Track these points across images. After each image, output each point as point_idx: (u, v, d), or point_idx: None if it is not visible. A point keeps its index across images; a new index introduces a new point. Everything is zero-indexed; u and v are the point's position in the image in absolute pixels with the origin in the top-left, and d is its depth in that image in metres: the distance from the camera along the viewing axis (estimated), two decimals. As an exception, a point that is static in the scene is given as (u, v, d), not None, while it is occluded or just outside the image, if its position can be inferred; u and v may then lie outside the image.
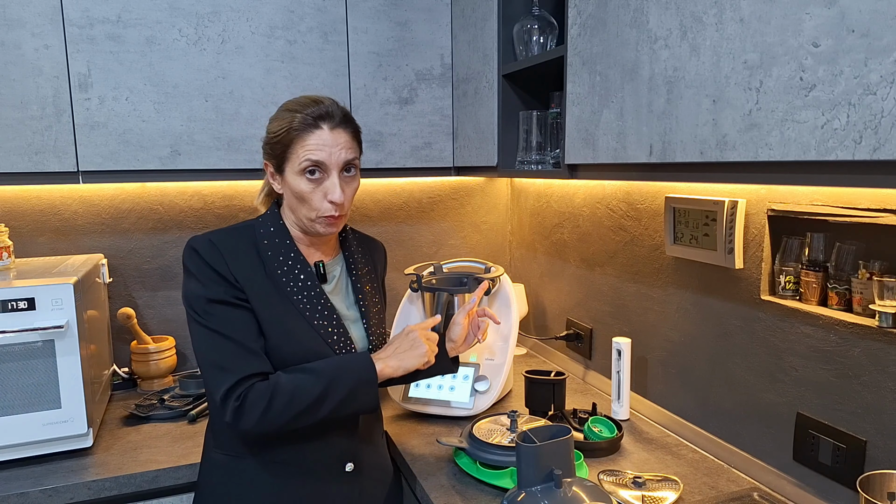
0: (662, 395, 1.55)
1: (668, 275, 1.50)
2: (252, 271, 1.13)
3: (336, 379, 1.10)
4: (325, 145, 1.10)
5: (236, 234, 1.17)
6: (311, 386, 1.08)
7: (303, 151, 1.10)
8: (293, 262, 1.17)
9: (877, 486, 0.96)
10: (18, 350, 1.32)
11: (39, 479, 1.30)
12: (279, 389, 1.07)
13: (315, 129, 1.10)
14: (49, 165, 1.53)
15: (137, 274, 1.89)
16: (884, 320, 0.99)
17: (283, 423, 1.07)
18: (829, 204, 1.09)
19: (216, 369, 1.08)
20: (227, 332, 1.09)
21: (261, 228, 1.18)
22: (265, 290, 1.13)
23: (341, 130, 1.12)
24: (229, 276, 1.10)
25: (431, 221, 2.23)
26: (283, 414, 1.07)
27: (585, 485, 1.03)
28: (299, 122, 1.10)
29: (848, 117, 0.74)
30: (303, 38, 1.71)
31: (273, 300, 1.13)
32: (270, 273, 1.14)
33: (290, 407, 1.07)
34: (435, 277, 1.71)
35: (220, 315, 1.09)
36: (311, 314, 1.16)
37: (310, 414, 1.09)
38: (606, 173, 1.26)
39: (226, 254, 1.12)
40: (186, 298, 1.12)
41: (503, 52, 1.60)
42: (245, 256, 1.14)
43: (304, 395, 1.08)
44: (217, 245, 1.12)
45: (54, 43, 1.50)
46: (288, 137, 1.11)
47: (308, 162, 1.10)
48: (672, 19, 1.01)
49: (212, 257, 1.11)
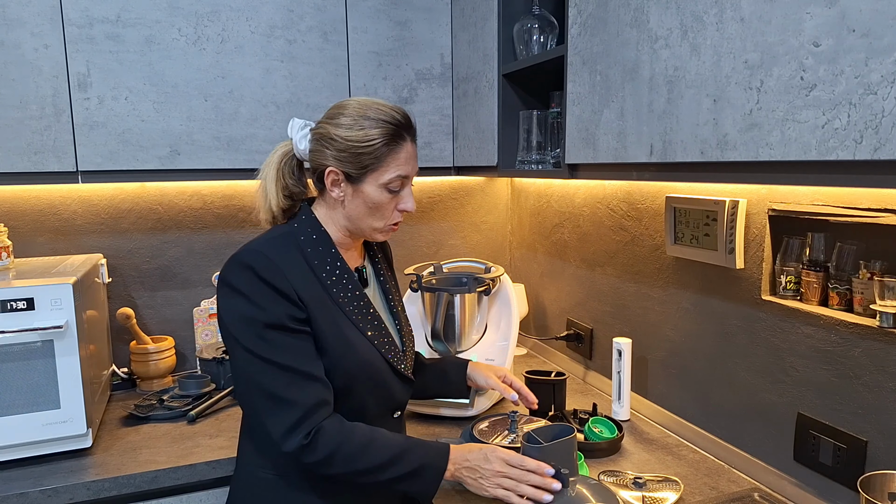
0: (663, 396, 1.55)
1: (669, 275, 1.50)
2: (311, 286, 1.06)
3: (409, 451, 1.06)
4: (410, 159, 1.10)
5: (284, 243, 1.08)
6: (383, 447, 1.04)
7: (395, 166, 1.08)
8: (340, 270, 1.12)
9: (877, 486, 0.95)
10: (18, 350, 1.32)
11: (39, 480, 1.29)
12: (353, 439, 1.02)
13: (404, 143, 1.09)
14: (48, 165, 1.52)
15: (137, 274, 1.89)
16: (884, 320, 0.99)
17: (342, 472, 1.03)
18: (830, 204, 1.09)
19: (275, 401, 1.01)
20: (285, 361, 1.01)
21: (301, 235, 1.10)
22: (323, 304, 1.07)
23: (414, 144, 1.13)
24: (291, 293, 1.02)
25: (431, 221, 2.23)
26: (347, 464, 1.02)
27: (590, 483, 1.03)
28: (391, 134, 1.07)
29: (849, 117, 0.74)
30: (302, 37, 1.71)
31: (331, 312, 1.08)
32: (324, 284, 1.09)
33: (356, 460, 1.02)
34: (435, 277, 1.71)
35: (278, 341, 1.01)
36: (363, 323, 1.12)
37: (370, 475, 1.04)
38: (607, 173, 1.26)
39: (285, 268, 1.03)
40: (233, 322, 1.03)
41: (503, 51, 1.60)
42: (300, 269, 1.06)
43: (374, 453, 1.03)
44: (274, 260, 1.03)
45: (54, 43, 1.50)
46: (381, 151, 1.06)
47: (399, 178, 1.08)
48: (672, 19, 1.01)
49: (271, 274, 1.02)
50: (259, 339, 1.01)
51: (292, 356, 1.02)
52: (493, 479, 1.05)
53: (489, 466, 1.06)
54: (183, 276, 1.93)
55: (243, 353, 1.02)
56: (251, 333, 1.01)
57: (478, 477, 1.06)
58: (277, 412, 1.01)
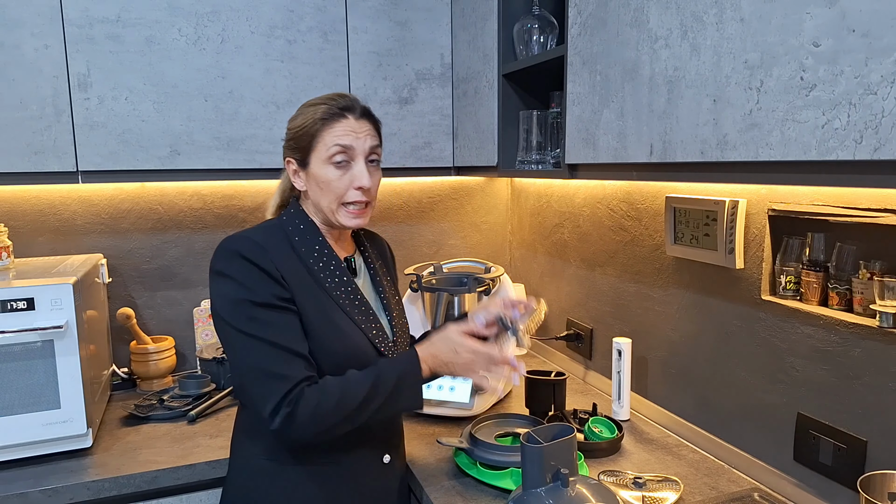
0: (663, 396, 1.55)
1: (669, 275, 1.50)
2: (295, 268, 1.10)
3: (381, 374, 1.08)
4: (352, 131, 1.11)
5: (271, 231, 1.13)
6: (357, 384, 1.06)
7: (331, 138, 1.10)
8: (328, 257, 1.15)
9: (877, 486, 0.96)
10: (18, 350, 1.32)
11: (39, 480, 1.29)
12: (327, 390, 1.04)
13: (342, 119, 1.12)
14: (48, 165, 1.52)
15: (137, 274, 1.89)
16: (884, 320, 0.99)
17: (332, 425, 1.04)
18: (830, 204, 1.09)
19: (264, 377, 1.03)
20: (273, 338, 1.04)
21: (289, 226, 1.16)
22: (309, 287, 1.11)
23: (365, 120, 1.14)
24: (276, 273, 1.06)
25: (431, 221, 2.23)
26: (333, 415, 1.04)
27: (590, 483, 1.03)
28: (325, 111, 1.11)
29: (848, 117, 0.74)
30: (302, 37, 1.71)
31: (317, 296, 1.11)
32: (310, 269, 1.13)
33: (340, 408, 1.04)
34: (435, 277, 1.71)
35: (267, 319, 1.05)
36: (351, 308, 1.15)
37: (359, 413, 1.06)
38: (607, 173, 1.26)
39: (269, 249, 1.08)
40: (224, 306, 1.06)
41: (503, 51, 1.60)
42: (284, 253, 1.11)
43: (351, 393, 1.05)
44: (260, 243, 1.08)
45: (54, 43, 1.50)
46: (315, 128, 1.11)
47: (337, 147, 1.10)
48: (672, 19, 1.01)
49: (257, 256, 1.06)
50: (249, 320, 1.04)
51: (280, 332, 1.05)
52: (468, 366, 1.12)
53: (460, 360, 1.12)
54: (183, 276, 1.93)
55: (235, 335, 1.05)
56: (241, 314, 1.05)
57: (453, 369, 1.13)
58: (266, 386, 1.03)
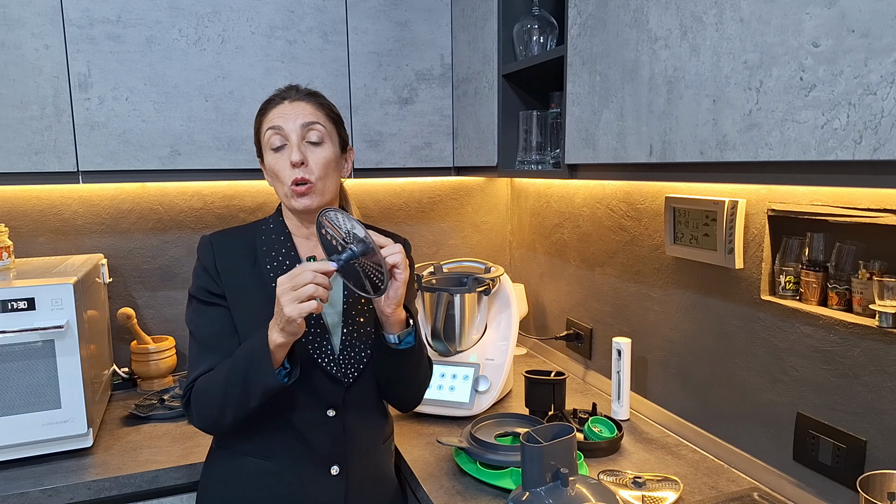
0: (662, 395, 1.55)
1: (669, 275, 1.50)
2: (238, 266, 1.15)
3: (236, 355, 1.06)
4: (284, 114, 1.13)
5: (239, 231, 1.20)
6: (219, 370, 1.08)
7: (266, 124, 1.14)
8: (283, 256, 1.18)
9: (877, 486, 0.96)
10: (18, 350, 1.32)
11: (39, 479, 1.30)
12: (202, 381, 1.09)
13: (277, 105, 1.15)
14: (49, 165, 1.53)
15: (137, 274, 1.89)
16: (884, 320, 0.99)
17: (215, 417, 1.07)
18: (829, 204, 1.09)
19: (189, 367, 1.13)
20: (196, 330, 1.13)
21: (263, 225, 1.21)
22: (249, 288, 1.14)
23: (302, 102, 1.15)
24: (213, 270, 1.14)
25: (431, 221, 2.23)
26: (208, 405, 1.07)
27: (590, 483, 1.03)
28: (264, 103, 1.17)
29: (848, 117, 0.74)
30: (303, 38, 1.71)
31: (253, 296, 1.14)
32: (259, 268, 1.16)
33: (210, 396, 1.07)
34: (435, 277, 1.71)
35: (195, 311, 1.15)
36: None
37: (227, 399, 1.04)
38: (606, 173, 1.26)
39: (217, 248, 1.16)
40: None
41: (503, 52, 1.60)
42: (237, 252, 1.17)
43: (215, 380, 1.07)
44: (212, 240, 1.17)
45: (54, 43, 1.50)
46: (258, 121, 1.16)
47: (271, 131, 1.13)
48: (672, 19, 1.01)
49: (202, 251, 1.17)
50: (189, 310, 1.16)
51: (201, 326, 1.13)
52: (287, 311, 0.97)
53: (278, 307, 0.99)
54: (183, 276, 1.93)
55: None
56: (188, 305, 1.17)
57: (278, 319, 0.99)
58: (188, 377, 1.12)
